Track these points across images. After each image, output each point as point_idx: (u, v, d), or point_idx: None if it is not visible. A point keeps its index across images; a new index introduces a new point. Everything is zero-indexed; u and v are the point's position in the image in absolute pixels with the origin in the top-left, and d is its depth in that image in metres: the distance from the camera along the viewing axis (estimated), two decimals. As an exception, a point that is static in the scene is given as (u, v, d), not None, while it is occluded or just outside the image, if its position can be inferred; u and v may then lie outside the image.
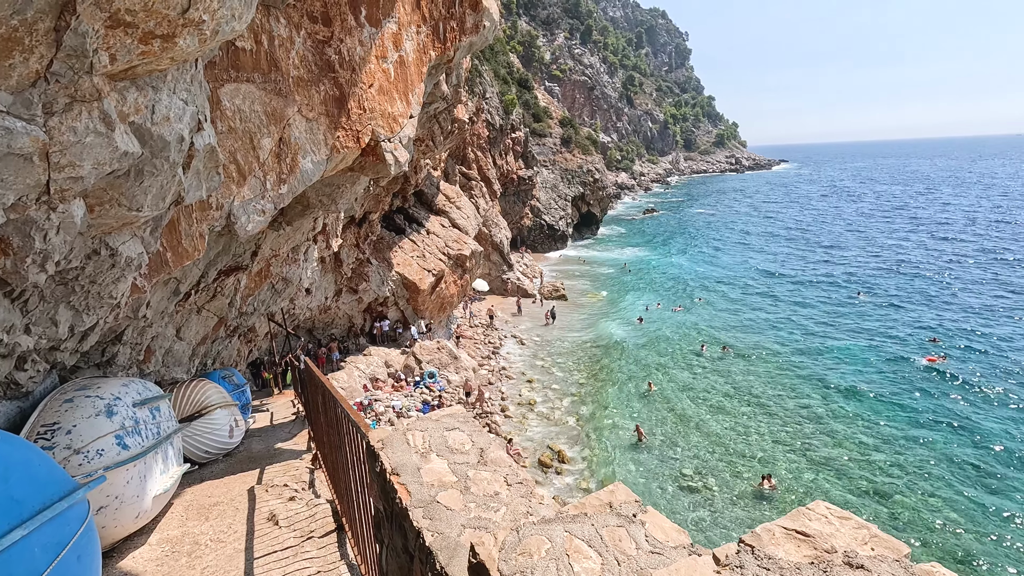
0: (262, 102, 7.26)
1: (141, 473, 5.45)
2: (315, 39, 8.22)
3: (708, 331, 35.36)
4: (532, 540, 2.08)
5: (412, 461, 3.11)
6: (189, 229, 6.58)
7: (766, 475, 19.57)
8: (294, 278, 14.53)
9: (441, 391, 24.56)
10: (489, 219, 43.90)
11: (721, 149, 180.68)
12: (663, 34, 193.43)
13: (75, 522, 3.60)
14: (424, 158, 27.76)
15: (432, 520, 2.61)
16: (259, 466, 7.80)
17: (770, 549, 1.70)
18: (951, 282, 43.85)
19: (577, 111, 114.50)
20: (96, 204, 4.33)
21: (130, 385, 6.09)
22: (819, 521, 1.80)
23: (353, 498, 4.10)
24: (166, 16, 3.57)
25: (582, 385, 28.27)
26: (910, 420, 23.54)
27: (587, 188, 69.87)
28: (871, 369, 28.91)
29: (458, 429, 3.52)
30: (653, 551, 2.00)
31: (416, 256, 29.29)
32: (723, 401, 25.97)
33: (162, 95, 4.27)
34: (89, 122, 3.57)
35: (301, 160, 8.13)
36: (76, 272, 4.88)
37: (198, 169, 5.40)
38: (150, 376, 9.22)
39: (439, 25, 12.01)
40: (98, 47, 3.39)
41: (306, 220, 11.94)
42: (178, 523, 5.82)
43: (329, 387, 4.84)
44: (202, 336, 11.53)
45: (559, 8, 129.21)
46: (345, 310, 26.50)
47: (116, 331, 7.26)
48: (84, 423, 5.12)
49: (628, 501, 2.35)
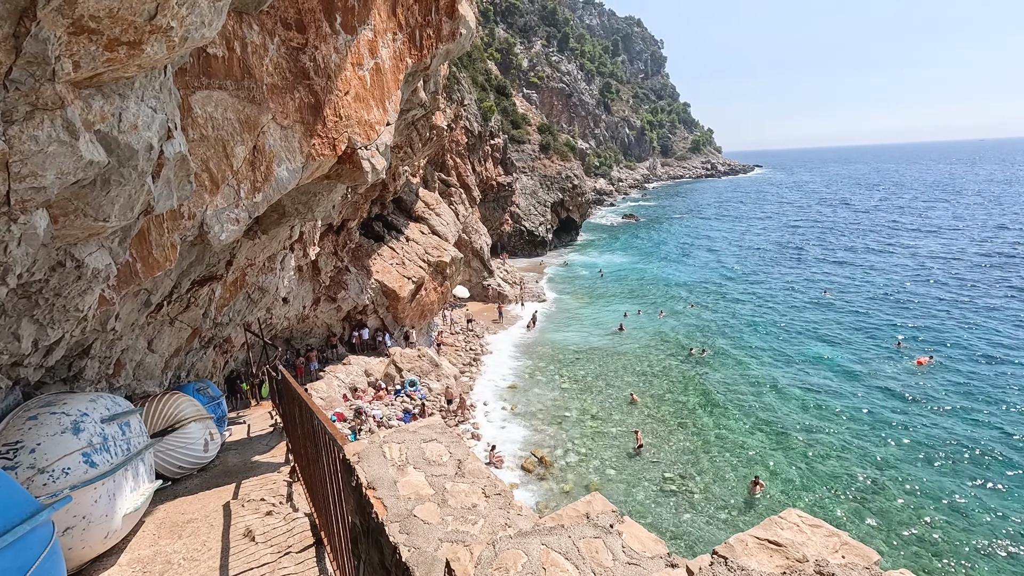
0: (235, 109, 7.16)
1: (110, 491, 5.29)
2: (289, 46, 8.14)
3: (691, 336, 35.73)
4: (509, 554, 2.06)
5: (389, 474, 3.07)
6: (160, 239, 6.44)
7: (756, 478, 19.64)
8: (270, 287, 14.31)
9: (422, 399, 24.36)
10: (469, 225, 43.84)
11: (697, 155, 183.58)
12: (639, 42, 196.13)
13: (38, 545, 3.48)
14: (402, 165, 27.65)
15: (409, 535, 2.57)
16: (235, 480, 7.64)
17: (743, 560, 1.70)
18: (946, 282, 44.77)
19: (555, 118, 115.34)
20: (60, 214, 4.21)
21: (98, 400, 5.92)
22: (791, 530, 1.81)
23: (331, 512, 4.03)
24: (132, 22, 3.49)
25: (564, 390, 28.32)
26: (895, 423, 23.95)
27: (566, 194, 70.29)
28: (857, 371, 29.43)
29: (436, 440, 3.49)
30: (630, 562, 1.99)
31: (395, 263, 29.09)
32: (708, 405, 26.20)
33: (129, 103, 4.18)
34: (52, 131, 3.47)
35: (276, 168, 8.02)
36: (40, 285, 4.73)
37: (168, 178, 5.29)
38: (120, 390, 8.97)
39: (415, 32, 12.00)
40: (61, 54, 3.30)
41: (282, 228, 11.78)
42: (150, 542, 5.65)
43: (305, 398, 4.76)
44: (175, 348, 11.27)
45: (536, 16, 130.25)
46: (323, 319, 26.16)
47: (83, 345, 7.06)
48: (49, 441, 4.96)
49: (605, 511, 2.34)
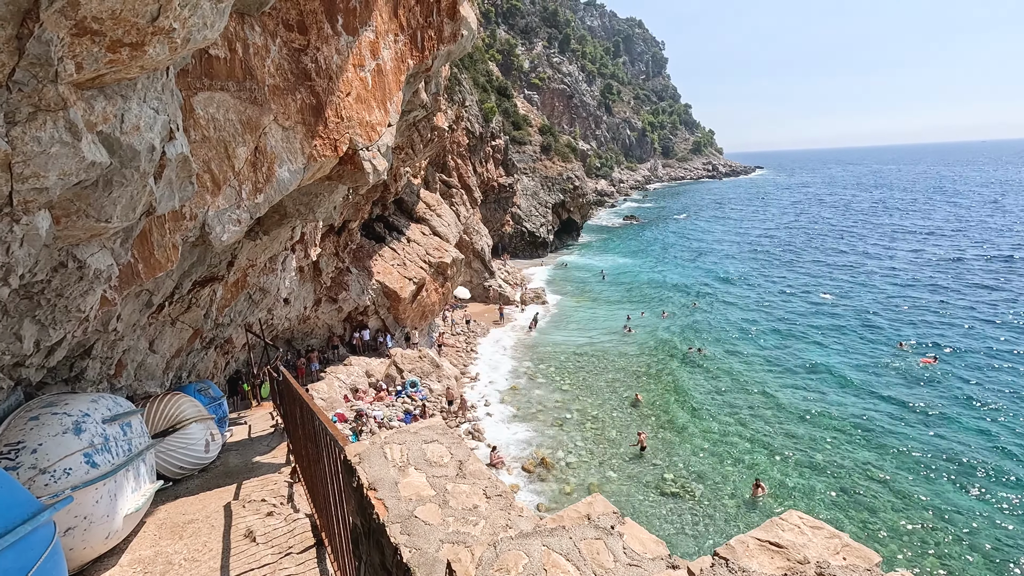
0: (237, 111, 7.17)
1: (111, 492, 5.30)
2: (291, 47, 8.16)
3: (692, 336, 35.68)
4: (510, 555, 2.06)
5: (390, 475, 3.07)
6: (162, 239, 6.45)
7: (757, 481, 19.49)
8: (272, 288, 14.32)
9: (423, 400, 24.37)
10: (470, 227, 43.87)
11: (698, 156, 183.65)
12: (640, 43, 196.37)
13: (40, 545, 3.48)
14: (404, 166, 27.67)
15: (410, 535, 2.57)
16: (236, 481, 7.63)
17: (744, 561, 1.70)
18: (946, 285, 44.55)
19: (556, 119, 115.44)
20: (63, 215, 4.22)
21: (100, 401, 5.93)
22: (792, 531, 1.81)
23: (332, 513, 4.04)
24: (135, 24, 3.51)
25: (566, 392, 28.29)
26: (897, 424, 23.88)
27: (567, 195, 70.32)
28: (861, 372, 29.32)
29: (437, 441, 3.49)
30: (631, 563, 1.99)
31: (396, 264, 29.10)
32: (709, 407, 26.14)
33: (132, 104, 4.19)
34: (54, 131, 3.48)
35: (277, 169, 8.04)
36: (42, 285, 4.74)
37: (170, 179, 5.30)
38: (121, 391, 8.99)
39: (417, 34, 12.01)
40: (64, 55, 3.31)
41: (283, 229, 11.79)
42: (151, 543, 5.65)
43: (306, 399, 4.76)
44: (176, 348, 11.29)
45: (537, 17, 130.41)
46: (324, 320, 26.18)
47: (85, 345, 7.07)
48: (50, 441, 4.97)
49: (606, 512, 2.34)
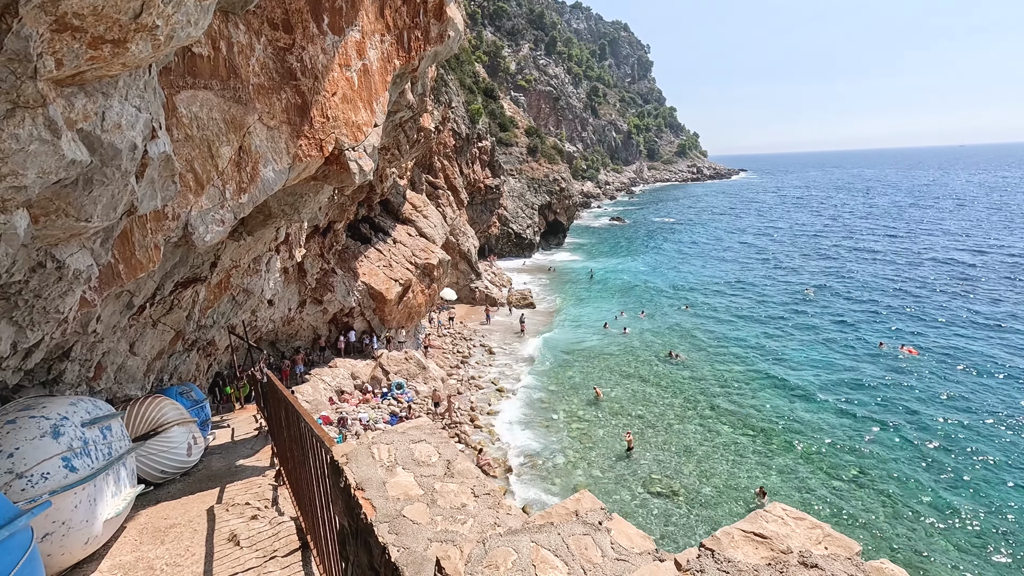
0: (221, 109, 7.10)
1: (91, 496, 5.20)
2: (276, 46, 8.09)
3: (677, 337, 36.00)
4: (499, 552, 2.06)
5: (377, 475, 3.06)
6: (143, 240, 6.35)
7: (760, 489, 19.15)
8: (256, 289, 14.16)
9: (409, 402, 24.25)
10: (456, 228, 43.80)
11: (683, 159, 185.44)
12: (626, 46, 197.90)
13: (17, 551, 3.41)
14: (390, 167, 27.55)
15: (398, 535, 2.56)
16: (219, 484, 7.54)
17: (729, 552, 1.73)
18: (929, 282, 45.56)
19: (543, 121, 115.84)
20: (41, 214, 4.14)
21: (79, 404, 5.82)
22: (776, 522, 1.85)
23: (318, 514, 4.00)
24: (117, 21, 3.46)
25: (552, 392, 28.35)
26: (879, 416, 24.48)
27: (553, 197, 70.58)
28: (844, 367, 29.95)
29: (425, 441, 3.48)
30: (619, 558, 2.01)
31: (382, 265, 28.95)
32: (693, 406, 26.40)
33: (113, 101, 4.13)
34: (33, 129, 3.42)
35: (262, 169, 7.96)
36: (19, 286, 4.65)
37: (152, 178, 5.23)
38: (101, 394, 8.83)
39: (404, 34, 11.99)
40: (43, 51, 3.25)
41: (268, 230, 11.68)
42: (131, 548, 5.56)
43: (292, 401, 4.72)
44: (158, 351, 11.11)
45: (523, 19, 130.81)
46: (309, 321, 25.96)
47: (63, 347, 6.94)
48: (27, 445, 4.87)
49: (594, 509, 2.36)
